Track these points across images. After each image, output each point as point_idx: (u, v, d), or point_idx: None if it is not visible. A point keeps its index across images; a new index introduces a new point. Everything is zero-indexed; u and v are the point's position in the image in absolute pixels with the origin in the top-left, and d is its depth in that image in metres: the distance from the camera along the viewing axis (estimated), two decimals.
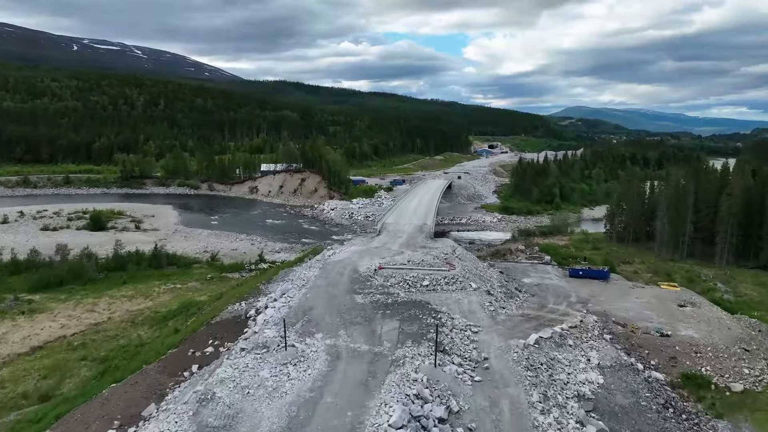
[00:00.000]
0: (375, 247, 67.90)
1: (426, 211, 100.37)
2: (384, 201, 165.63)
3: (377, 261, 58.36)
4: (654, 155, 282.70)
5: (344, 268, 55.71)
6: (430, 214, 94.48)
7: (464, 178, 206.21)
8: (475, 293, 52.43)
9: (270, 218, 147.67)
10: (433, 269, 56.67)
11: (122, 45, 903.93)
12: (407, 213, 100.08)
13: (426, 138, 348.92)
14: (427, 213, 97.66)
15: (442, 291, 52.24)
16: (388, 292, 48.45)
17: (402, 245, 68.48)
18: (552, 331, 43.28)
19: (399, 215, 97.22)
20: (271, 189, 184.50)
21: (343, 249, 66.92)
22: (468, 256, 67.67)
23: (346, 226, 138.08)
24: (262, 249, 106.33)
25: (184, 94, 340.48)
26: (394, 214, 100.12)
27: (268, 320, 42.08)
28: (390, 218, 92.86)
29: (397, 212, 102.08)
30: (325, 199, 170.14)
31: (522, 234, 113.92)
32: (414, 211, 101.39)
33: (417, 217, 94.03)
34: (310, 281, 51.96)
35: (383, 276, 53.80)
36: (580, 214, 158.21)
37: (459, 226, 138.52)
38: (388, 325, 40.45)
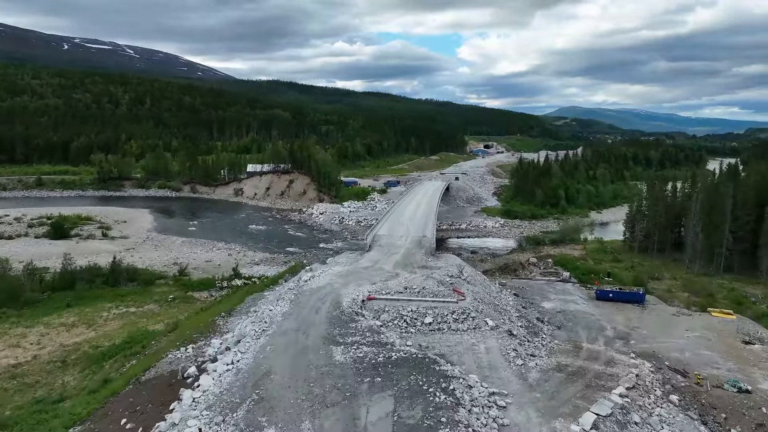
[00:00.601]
0: (364, 266, 55.04)
1: (424, 220, 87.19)
2: (377, 204, 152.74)
3: (366, 288, 45.60)
4: (656, 155, 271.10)
5: (322, 301, 42.73)
6: (429, 223, 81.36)
7: (462, 179, 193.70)
8: (493, 334, 39.72)
9: (254, 223, 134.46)
10: (437, 300, 43.90)
11: (114, 44, 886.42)
12: (403, 221, 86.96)
13: (421, 138, 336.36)
14: (426, 222, 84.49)
15: (449, 331, 39.55)
16: (379, 341, 35.37)
17: (397, 264, 55.62)
18: (610, 404, 30.47)
19: (393, 224, 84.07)
20: (257, 191, 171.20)
21: (324, 270, 53.93)
22: (478, 278, 54.91)
23: (335, 233, 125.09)
24: (238, 261, 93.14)
25: (172, 92, 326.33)
26: (388, 222, 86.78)
27: (200, 400, 29.03)
28: (383, 228, 79.81)
29: (391, 220, 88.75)
30: (314, 202, 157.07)
31: (530, 243, 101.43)
32: (411, 219, 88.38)
33: (414, 226, 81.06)
34: (275, 322, 38.75)
35: (373, 311, 41.11)
36: (588, 218, 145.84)
37: (459, 232, 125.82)
38: (378, 407, 27.13)
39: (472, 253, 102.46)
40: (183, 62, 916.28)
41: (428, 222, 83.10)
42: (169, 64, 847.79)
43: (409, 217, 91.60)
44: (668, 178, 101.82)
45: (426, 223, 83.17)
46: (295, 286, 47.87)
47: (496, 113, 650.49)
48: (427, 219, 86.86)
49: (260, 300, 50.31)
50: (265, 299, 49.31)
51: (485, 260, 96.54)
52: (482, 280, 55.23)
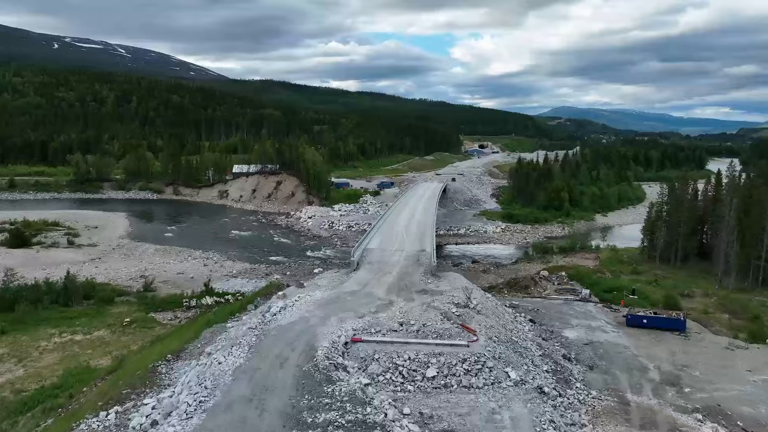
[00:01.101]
0: (350, 291, 44.53)
1: (422, 229, 75.97)
2: (370, 207, 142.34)
3: (350, 325, 35.19)
4: (656, 155, 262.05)
5: (292, 346, 31.87)
6: (427, 234, 70.29)
7: (459, 181, 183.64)
8: (518, 393, 29.56)
9: (237, 228, 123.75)
10: (442, 343, 33.59)
11: (105, 44, 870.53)
12: (397, 231, 75.72)
13: (416, 137, 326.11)
14: (424, 231, 73.46)
15: (460, 389, 29.39)
16: (365, 419, 24.54)
17: (391, 288, 45.09)
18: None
19: (386, 235, 72.73)
20: (242, 193, 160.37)
21: (300, 296, 43.23)
22: (488, 304, 44.54)
23: (324, 239, 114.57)
24: (212, 274, 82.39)
25: (160, 90, 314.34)
26: (380, 233, 76.04)
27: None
28: (374, 240, 68.96)
29: (384, 230, 77.16)
30: (302, 205, 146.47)
31: (537, 251, 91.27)
32: (406, 228, 77.26)
33: (410, 237, 70.02)
34: (222, 386, 27.58)
35: (359, 359, 30.91)
36: (594, 221, 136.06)
37: (457, 237, 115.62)
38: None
39: (473, 263, 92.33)
40: (175, 62, 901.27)
41: (426, 232, 72.19)
42: (161, 63, 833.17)
43: (404, 225, 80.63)
44: (689, 178, 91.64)
45: (424, 232, 72.22)
46: (260, 322, 37.22)
47: (490, 113, 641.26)
48: (424, 228, 75.99)
49: (219, 335, 39.81)
50: (224, 336, 38.74)
51: (488, 271, 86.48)
52: (493, 306, 44.81)
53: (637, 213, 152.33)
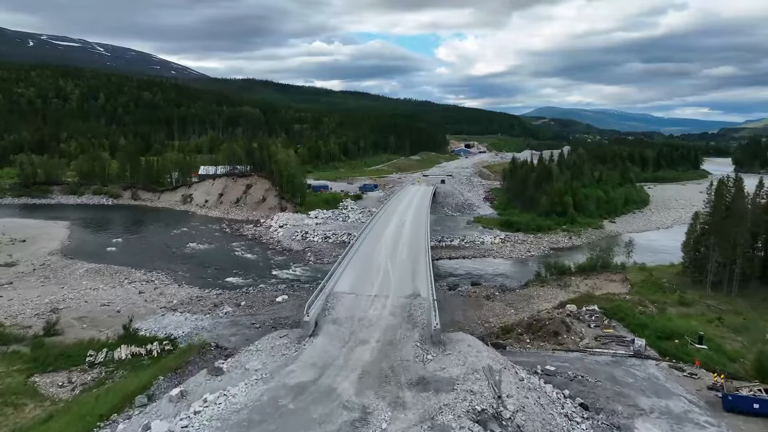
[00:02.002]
0: (295, 386, 25.76)
1: (413, 254, 56.66)
2: (350, 214, 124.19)
3: None
4: (651, 154, 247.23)
5: None
6: (421, 263, 50.72)
7: (448, 182, 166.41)
8: None
9: (195, 240, 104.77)
10: None
11: (83, 42, 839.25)
12: (378, 261, 55.82)
13: (401, 137, 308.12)
14: (417, 259, 53.60)
15: None
16: None
17: (367, 378, 26.37)
18: None
19: (363, 267, 52.49)
20: (208, 198, 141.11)
21: (208, 400, 24.74)
22: (530, 403, 26.55)
23: (295, 254, 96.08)
24: (142, 308, 63.59)
25: (130, 87, 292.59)
26: (354, 264, 54.47)
27: None
28: (344, 277, 47.51)
29: (360, 258, 57.37)
30: (274, 211, 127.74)
31: (551, 271, 73.83)
32: (391, 256, 58.19)
33: (398, 271, 50.37)
34: None
35: None
36: (602, 228, 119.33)
37: (451, 250, 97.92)
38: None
39: (473, 285, 74.73)
40: (156, 60, 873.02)
41: (419, 259, 51.51)
42: (141, 62, 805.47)
43: (388, 249, 60.31)
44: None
45: (416, 261, 52.22)
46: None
47: (475, 113, 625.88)
48: (417, 253, 55.75)
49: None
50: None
51: (493, 297, 69.01)
52: (534, 402, 26.92)
53: (646, 219, 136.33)
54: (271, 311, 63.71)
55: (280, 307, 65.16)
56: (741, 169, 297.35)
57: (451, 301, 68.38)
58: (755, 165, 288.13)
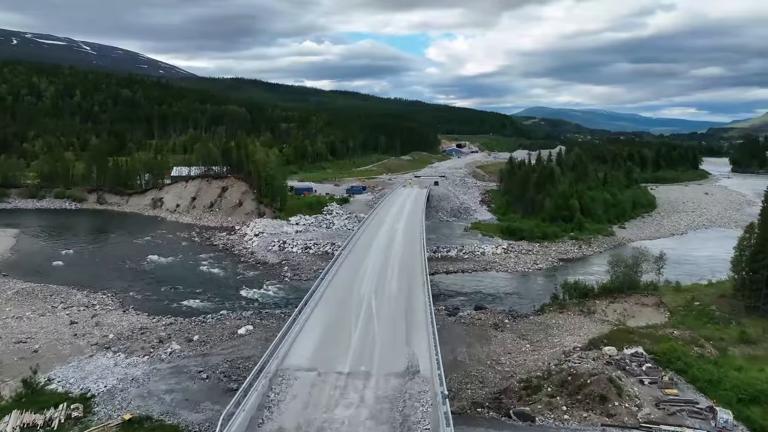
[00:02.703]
0: None
1: (406, 288, 42.61)
2: (335, 220, 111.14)
3: None
4: (650, 154, 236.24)
5: None
6: (417, 308, 37.00)
7: (442, 184, 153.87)
8: None
9: (158, 251, 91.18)
10: None
11: (69, 40, 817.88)
12: (360, 298, 41.38)
13: (391, 136, 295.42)
14: (411, 300, 39.32)
15: None
16: None
17: None
18: None
19: (336, 312, 37.91)
20: (180, 202, 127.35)
21: None
22: None
23: (270, 267, 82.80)
24: (68, 347, 50.11)
25: (109, 84, 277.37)
26: (325, 305, 39.70)
27: None
28: (306, 334, 33.22)
29: (335, 294, 42.41)
30: (251, 216, 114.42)
31: (570, 293, 61.24)
32: (376, 288, 43.77)
33: (386, 321, 35.58)
34: None
35: None
36: (612, 235, 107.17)
37: (448, 263, 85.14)
38: None
39: (477, 310, 62.00)
40: (144, 60, 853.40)
41: (415, 297, 38.99)
42: (129, 61, 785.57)
43: (374, 276, 46.96)
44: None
45: (411, 297, 38.93)
46: None
47: (466, 112, 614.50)
48: (411, 286, 42.74)
49: None
50: None
51: (502, 326, 56.47)
52: None
53: (657, 224, 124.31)
54: (229, 349, 50.59)
55: (241, 343, 52.08)
56: (738, 169, 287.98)
57: (452, 331, 55.68)
58: (753, 165, 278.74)
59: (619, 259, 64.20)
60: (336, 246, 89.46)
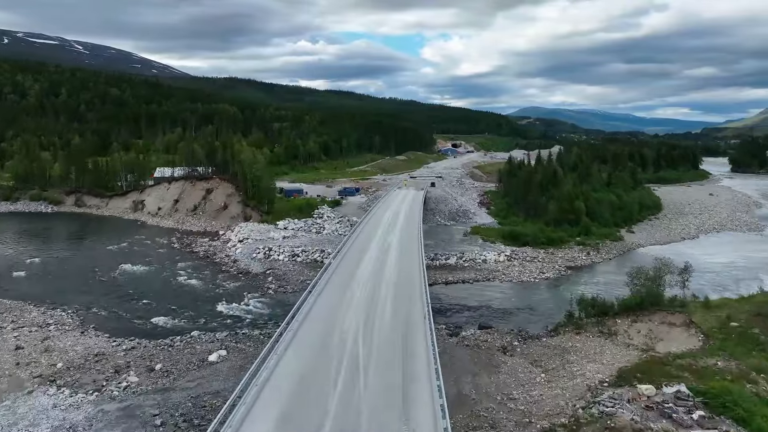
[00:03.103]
0: None
1: (402, 325, 34.69)
2: (326, 224, 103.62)
3: None
4: (651, 154, 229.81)
5: None
6: (417, 361, 28.36)
7: (439, 185, 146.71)
8: None
9: (132, 260, 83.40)
10: None
11: (61, 39, 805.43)
12: (342, 337, 33.36)
13: (386, 136, 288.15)
14: (408, 342, 31.28)
15: None
16: None
17: None
18: None
19: (311, 362, 29.39)
20: (162, 204, 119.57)
21: None
22: None
23: (253, 278, 75.22)
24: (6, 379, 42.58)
25: (96, 83, 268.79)
26: (297, 347, 31.60)
27: None
28: (269, 407, 24.39)
29: (312, 332, 34.54)
30: (237, 220, 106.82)
31: (586, 311, 54.03)
32: (365, 325, 35.42)
33: (375, 377, 27.12)
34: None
35: None
36: (621, 240, 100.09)
37: (447, 272, 77.79)
38: None
39: (481, 329, 54.75)
40: (137, 59, 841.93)
41: (413, 339, 31.40)
42: (122, 60, 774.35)
43: (362, 306, 39.49)
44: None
45: (408, 339, 31.48)
46: None
47: (462, 112, 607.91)
48: (408, 321, 34.99)
49: None
50: None
51: (512, 350, 49.38)
52: None
53: (666, 227, 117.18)
54: (195, 381, 43.10)
55: (210, 373, 44.61)
56: (738, 169, 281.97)
57: (455, 355, 48.41)
58: (753, 165, 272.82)
59: (639, 270, 56.90)
60: (326, 253, 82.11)
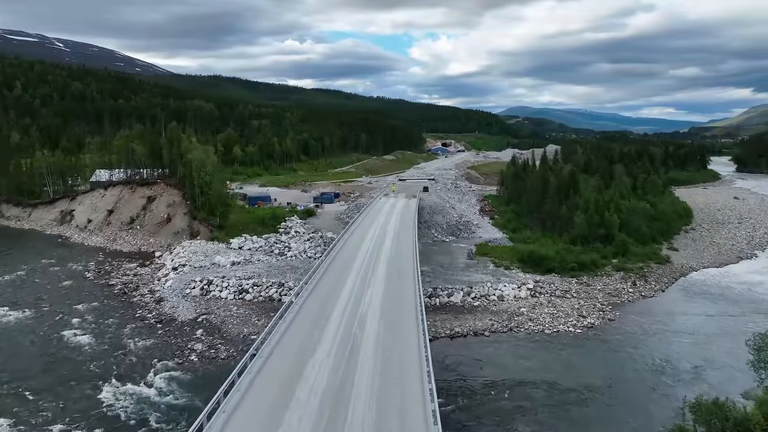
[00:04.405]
0: None
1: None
2: (291, 243, 79.68)
3: None
4: (659, 153, 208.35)
5: None
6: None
7: (432, 189, 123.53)
8: None
9: (18, 299, 59.13)
10: None
11: (41, 37, 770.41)
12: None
13: (373, 134, 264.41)
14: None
15: None
16: None
17: None
18: None
19: None
20: (93, 216, 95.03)
21: None
22: None
23: (176, 330, 51.07)
24: None
25: (56, 76, 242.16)
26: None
27: None
28: None
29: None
30: (181, 236, 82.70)
31: (709, 422, 30.21)
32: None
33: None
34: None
35: None
36: (667, 261, 77.14)
37: (451, 315, 54.40)
38: None
39: None
40: (120, 57, 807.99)
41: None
42: (104, 59, 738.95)
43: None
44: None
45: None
46: None
47: (451, 111, 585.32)
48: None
49: None
50: None
51: None
52: None
53: (710, 242, 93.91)
54: None
55: None
56: (744, 169, 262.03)
57: None
58: (761, 164, 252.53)
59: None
60: (285, 288, 58.72)
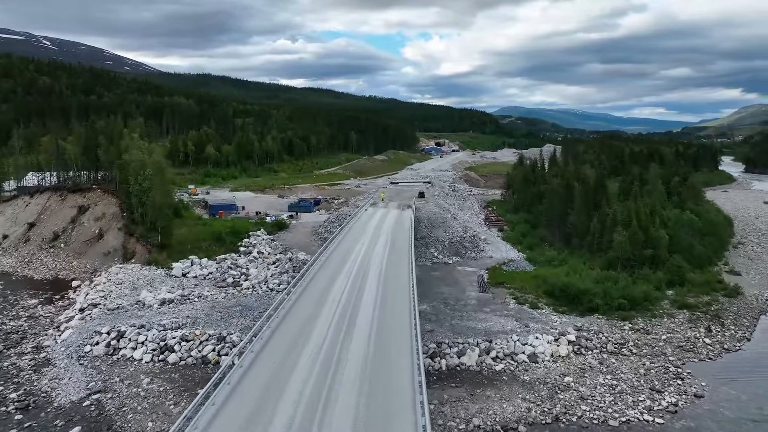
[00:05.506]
0: None
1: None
2: (251, 268, 60.53)
3: None
4: (670, 153, 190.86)
5: None
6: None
7: (428, 194, 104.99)
8: None
9: None
10: None
11: (28, 35, 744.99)
12: None
13: (364, 133, 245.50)
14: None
15: None
16: None
17: None
18: None
19: None
20: (11, 230, 75.59)
21: None
22: None
23: (48, 420, 31.87)
24: None
25: (23, 70, 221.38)
26: None
27: None
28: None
29: None
30: (114, 256, 63.64)
31: None
32: None
33: None
34: None
35: None
36: (738, 293, 58.80)
37: (465, 391, 35.77)
38: None
39: None
40: (109, 56, 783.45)
41: None
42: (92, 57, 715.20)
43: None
44: None
45: None
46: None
47: (445, 110, 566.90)
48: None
49: None
50: None
51: None
52: None
53: (766, 261, 76.47)
54: None
55: None
56: (755, 170, 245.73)
57: None
58: None
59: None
60: (230, 343, 40.13)
